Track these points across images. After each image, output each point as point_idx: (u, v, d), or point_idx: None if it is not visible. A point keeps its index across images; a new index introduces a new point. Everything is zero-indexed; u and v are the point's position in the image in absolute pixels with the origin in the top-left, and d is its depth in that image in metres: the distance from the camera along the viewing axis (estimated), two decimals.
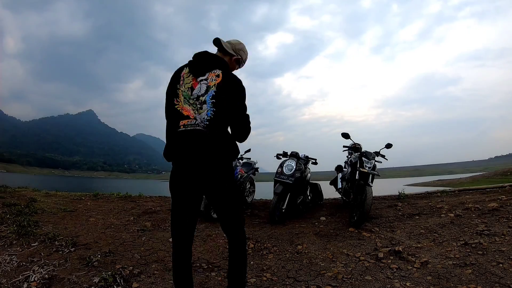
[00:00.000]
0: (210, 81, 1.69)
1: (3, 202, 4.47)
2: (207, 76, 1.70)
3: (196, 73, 1.72)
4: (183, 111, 1.67)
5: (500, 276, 2.27)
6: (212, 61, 1.75)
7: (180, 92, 1.71)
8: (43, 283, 2.24)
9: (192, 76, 1.72)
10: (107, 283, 2.25)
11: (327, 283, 2.36)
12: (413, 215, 4.07)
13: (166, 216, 4.50)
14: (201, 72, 1.71)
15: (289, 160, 4.58)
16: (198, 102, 1.67)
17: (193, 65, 1.74)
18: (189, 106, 1.67)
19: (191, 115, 1.66)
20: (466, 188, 5.61)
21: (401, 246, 2.96)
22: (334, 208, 4.86)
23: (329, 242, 3.33)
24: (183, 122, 1.66)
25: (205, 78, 1.70)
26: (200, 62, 1.74)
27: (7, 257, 2.63)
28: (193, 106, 1.67)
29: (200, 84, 1.69)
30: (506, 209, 3.75)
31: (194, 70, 1.73)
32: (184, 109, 1.67)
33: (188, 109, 1.67)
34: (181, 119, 1.67)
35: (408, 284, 2.28)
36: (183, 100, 1.69)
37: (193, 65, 1.74)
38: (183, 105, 1.68)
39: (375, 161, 4.39)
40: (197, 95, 1.67)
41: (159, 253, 2.93)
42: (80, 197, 5.76)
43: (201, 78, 1.70)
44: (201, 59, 1.75)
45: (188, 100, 1.68)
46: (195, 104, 1.67)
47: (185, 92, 1.70)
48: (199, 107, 1.66)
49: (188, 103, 1.68)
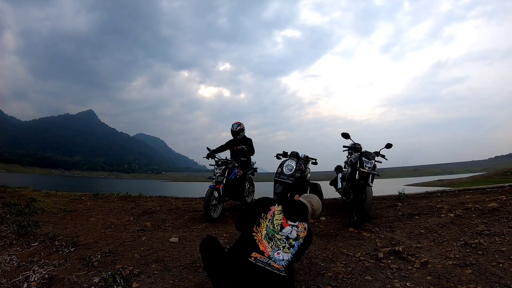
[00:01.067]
0: (300, 231, 1.92)
1: (3, 202, 4.47)
2: (297, 224, 1.93)
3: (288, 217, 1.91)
4: (259, 244, 1.77)
5: (500, 276, 2.27)
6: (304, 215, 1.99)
7: (263, 224, 1.83)
8: (43, 283, 2.24)
9: (283, 216, 1.89)
10: (107, 283, 2.25)
11: (327, 283, 2.36)
12: (413, 215, 4.07)
13: (166, 216, 4.50)
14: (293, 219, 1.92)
15: (289, 160, 4.58)
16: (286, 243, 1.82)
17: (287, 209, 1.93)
18: (267, 243, 1.78)
19: (266, 252, 1.77)
20: (466, 188, 5.61)
21: (401, 246, 2.96)
22: (334, 208, 4.86)
23: (329, 242, 3.33)
24: (255, 255, 1.75)
25: (296, 225, 1.92)
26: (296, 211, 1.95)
27: (7, 257, 2.63)
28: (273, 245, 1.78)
29: (292, 228, 1.89)
30: (506, 209, 3.75)
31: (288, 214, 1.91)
32: (261, 243, 1.78)
33: (265, 245, 1.77)
34: (254, 251, 1.76)
35: (408, 284, 2.28)
36: (265, 234, 1.81)
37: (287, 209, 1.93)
38: (262, 238, 1.80)
39: (375, 161, 4.39)
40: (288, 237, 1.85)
41: (159, 253, 2.93)
42: (80, 197, 5.76)
43: (292, 224, 1.90)
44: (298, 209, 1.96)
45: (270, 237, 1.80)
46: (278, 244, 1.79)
47: (270, 228, 1.82)
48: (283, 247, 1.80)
49: (268, 240, 1.79)
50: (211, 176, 4.82)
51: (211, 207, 4.35)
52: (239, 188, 5.03)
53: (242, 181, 5.09)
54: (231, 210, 5.14)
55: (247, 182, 5.37)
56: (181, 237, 3.44)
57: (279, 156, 4.86)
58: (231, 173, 4.81)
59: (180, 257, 2.86)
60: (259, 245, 1.76)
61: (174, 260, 2.77)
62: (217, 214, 4.42)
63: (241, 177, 5.08)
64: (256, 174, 5.74)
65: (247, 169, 5.37)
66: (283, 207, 1.94)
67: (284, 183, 4.30)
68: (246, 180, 5.31)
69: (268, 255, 1.75)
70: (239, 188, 5.02)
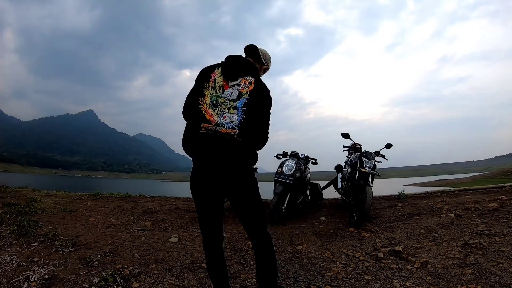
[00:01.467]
0: (242, 87, 1.70)
1: (3, 202, 4.47)
2: (239, 81, 1.71)
3: (228, 77, 1.72)
4: (206, 114, 1.68)
5: (500, 276, 2.27)
6: (246, 66, 1.75)
7: (207, 93, 1.71)
8: (43, 283, 2.24)
9: (224, 79, 1.72)
10: (107, 283, 2.25)
11: (327, 283, 2.36)
12: (413, 215, 4.07)
13: (166, 216, 4.50)
14: (234, 76, 1.71)
15: (289, 160, 4.58)
16: (227, 107, 1.68)
17: (225, 68, 1.73)
18: (213, 110, 1.68)
19: (212, 120, 1.67)
20: (466, 188, 5.60)
21: (401, 246, 2.96)
22: (334, 208, 4.86)
23: (329, 242, 3.33)
24: (204, 125, 1.67)
25: (237, 83, 1.71)
26: (234, 66, 1.73)
27: (7, 257, 2.63)
28: (218, 111, 1.68)
29: (232, 89, 1.70)
30: (506, 209, 3.74)
31: (226, 73, 1.72)
32: (207, 113, 1.68)
33: (211, 114, 1.68)
34: (202, 122, 1.68)
35: (408, 284, 2.28)
36: (209, 103, 1.69)
37: (225, 68, 1.73)
38: (207, 108, 1.69)
39: (375, 161, 4.39)
40: (228, 100, 1.68)
41: (159, 253, 2.93)
42: (80, 197, 5.76)
43: (233, 83, 1.71)
44: (235, 63, 1.75)
45: (215, 103, 1.69)
46: (223, 108, 1.68)
47: (213, 95, 1.70)
48: (227, 111, 1.67)
49: (212, 107, 1.69)
50: None
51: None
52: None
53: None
54: (231, 210, 5.14)
55: None
56: (181, 237, 3.44)
57: (279, 156, 4.86)
58: None
59: (180, 257, 2.86)
60: (206, 115, 1.67)
61: (174, 260, 2.77)
62: None
63: None
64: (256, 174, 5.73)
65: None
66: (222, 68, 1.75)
67: (284, 183, 4.30)
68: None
69: (215, 122, 1.66)
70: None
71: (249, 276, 2.51)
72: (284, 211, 4.27)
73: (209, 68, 1.79)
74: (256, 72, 1.78)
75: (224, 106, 1.68)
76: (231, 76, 1.71)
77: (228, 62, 1.76)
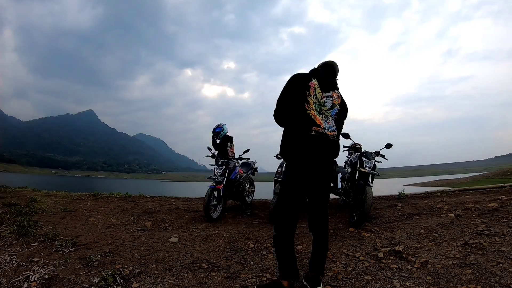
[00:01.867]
0: (334, 99, 2.17)
1: (3, 202, 4.47)
2: (331, 94, 2.16)
3: (323, 89, 2.13)
4: (315, 119, 2.07)
5: (500, 276, 2.27)
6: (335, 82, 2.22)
7: (311, 100, 2.08)
8: (43, 283, 2.24)
9: (320, 89, 2.11)
10: (107, 283, 2.25)
11: (327, 283, 2.36)
12: (413, 215, 4.07)
13: (166, 216, 4.50)
14: (327, 89, 2.15)
15: None
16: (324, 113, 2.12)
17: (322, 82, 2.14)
18: (319, 115, 2.09)
19: (321, 124, 2.10)
20: (466, 188, 5.61)
21: (401, 246, 2.96)
22: (334, 208, 4.86)
23: (329, 242, 3.32)
24: (315, 128, 2.07)
25: (330, 96, 2.16)
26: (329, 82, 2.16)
27: (7, 257, 2.63)
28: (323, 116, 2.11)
29: (326, 99, 2.14)
30: (506, 209, 3.75)
31: (323, 86, 2.13)
32: (316, 118, 2.08)
33: (319, 119, 2.09)
34: (314, 126, 2.07)
35: (408, 284, 2.28)
36: (315, 109, 2.08)
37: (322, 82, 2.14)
38: (315, 113, 2.08)
39: (375, 161, 4.39)
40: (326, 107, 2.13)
41: (159, 253, 2.93)
42: (80, 197, 5.76)
43: (327, 95, 2.14)
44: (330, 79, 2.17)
45: (319, 110, 2.10)
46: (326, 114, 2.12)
47: (316, 103, 2.09)
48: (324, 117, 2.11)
49: (319, 113, 2.10)
50: (211, 176, 4.82)
51: (211, 207, 4.36)
52: (239, 188, 5.03)
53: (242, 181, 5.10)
54: (231, 210, 5.14)
55: (247, 182, 5.37)
56: (181, 237, 3.44)
57: (279, 156, 4.87)
58: (231, 173, 4.82)
59: (180, 257, 2.86)
60: (315, 120, 2.07)
61: (174, 260, 2.77)
62: (217, 214, 4.42)
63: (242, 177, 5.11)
64: (256, 174, 5.74)
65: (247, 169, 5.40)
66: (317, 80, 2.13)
67: None
68: (246, 180, 5.32)
69: (324, 126, 2.09)
70: (239, 188, 5.03)
71: (249, 276, 2.51)
72: None
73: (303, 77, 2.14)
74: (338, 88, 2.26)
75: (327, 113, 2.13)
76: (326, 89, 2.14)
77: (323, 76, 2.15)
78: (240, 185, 5.05)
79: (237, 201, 5.35)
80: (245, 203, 5.22)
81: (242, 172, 5.25)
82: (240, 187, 5.05)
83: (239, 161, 5.22)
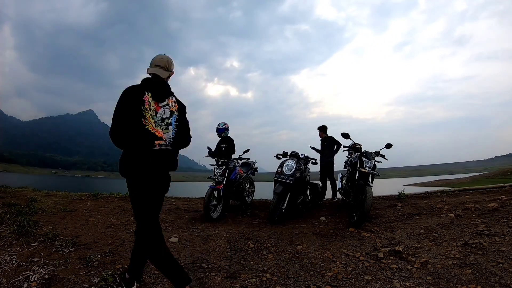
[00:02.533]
0: (171, 106, 2.13)
1: (3, 202, 4.47)
2: (167, 102, 2.12)
3: (158, 99, 2.07)
4: (155, 133, 2.02)
5: (500, 276, 2.27)
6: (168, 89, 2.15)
7: (148, 115, 2.01)
8: (43, 283, 2.24)
9: (154, 101, 2.05)
10: (107, 283, 2.25)
11: (327, 283, 2.36)
12: (413, 215, 4.07)
13: (166, 216, 4.50)
14: (162, 99, 2.09)
15: (289, 160, 4.58)
16: (164, 124, 2.07)
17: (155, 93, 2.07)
18: (159, 128, 2.04)
19: (163, 136, 2.05)
20: (466, 188, 5.60)
21: (401, 246, 2.96)
22: (334, 208, 4.87)
23: (329, 242, 3.33)
24: (158, 142, 2.02)
25: (166, 104, 2.11)
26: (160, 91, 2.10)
27: (7, 257, 2.63)
28: (161, 128, 2.05)
29: (164, 108, 2.09)
30: (506, 209, 3.74)
31: (156, 97, 2.07)
32: (156, 131, 2.03)
33: (160, 132, 2.04)
34: (156, 139, 2.02)
35: (408, 284, 2.28)
36: (154, 123, 2.03)
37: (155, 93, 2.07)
38: (154, 127, 2.02)
39: (375, 161, 4.39)
40: (162, 118, 2.07)
41: None
42: (80, 197, 5.76)
43: (163, 104, 2.09)
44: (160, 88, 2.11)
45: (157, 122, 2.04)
46: (162, 126, 2.05)
47: (154, 116, 2.03)
48: (165, 128, 2.07)
49: (158, 126, 2.04)
50: (211, 176, 4.82)
51: (210, 207, 4.36)
52: (239, 188, 5.04)
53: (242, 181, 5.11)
54: (231, 210, 5.14)
55: (247, 182, 5.37)
56: (181, 237, 3.44)
57: (279, 156, 4.87)
58: (231, 173, 4.82)
59: (180, 257, 2.86)
60: (156, 134, 2.02)
61: None
62: (217, 214, 4.42)
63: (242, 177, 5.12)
64: (256, 174, 5.74)
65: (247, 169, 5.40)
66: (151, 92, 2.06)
67: (284, 183, 4.30)
68: (246, 180, 5.32)
69: (165, 138, 2.05)
70: (239, 188, 5.03)
71: (249, 276, 2.51)
72: (284, 211, 4.27)
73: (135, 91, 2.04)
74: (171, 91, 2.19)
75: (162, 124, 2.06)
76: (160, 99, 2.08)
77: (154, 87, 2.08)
78: (240, 185, 5.05)
79: (237, 201, 5.35)
80: (245, 203, 5.22)
81: (242, 172, 5.25)
82: (240, 187, 5.05)
83: (239, 161, 5.22)
